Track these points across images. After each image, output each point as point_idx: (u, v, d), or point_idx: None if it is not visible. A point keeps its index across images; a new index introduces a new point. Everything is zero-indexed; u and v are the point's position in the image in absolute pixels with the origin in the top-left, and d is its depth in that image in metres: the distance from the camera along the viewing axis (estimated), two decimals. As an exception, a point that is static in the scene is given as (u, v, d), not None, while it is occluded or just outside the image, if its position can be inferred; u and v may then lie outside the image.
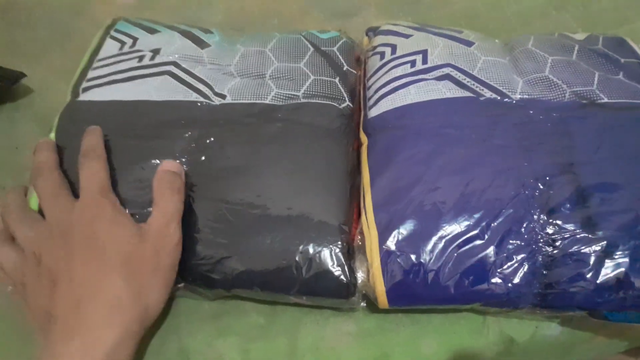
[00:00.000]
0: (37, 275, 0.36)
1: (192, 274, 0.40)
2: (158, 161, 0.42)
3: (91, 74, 0.49)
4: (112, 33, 0.53)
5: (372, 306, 0.41)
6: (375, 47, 0.51)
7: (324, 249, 0.39)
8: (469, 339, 0.41)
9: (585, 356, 0.45)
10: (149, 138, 0.44)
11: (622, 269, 0.36)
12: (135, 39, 0.52)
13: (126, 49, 0.51)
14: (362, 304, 0.42)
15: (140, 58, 0.50)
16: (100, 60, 0.50)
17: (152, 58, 0.50)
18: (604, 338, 0.43)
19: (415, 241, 0.38)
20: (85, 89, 0.48)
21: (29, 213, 0.40)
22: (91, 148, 0.41)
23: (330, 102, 0.46)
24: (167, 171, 0.40)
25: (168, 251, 0.37)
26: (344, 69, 0.49)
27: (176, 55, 0.50)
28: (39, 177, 0.40)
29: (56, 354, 0.32)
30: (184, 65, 0.49)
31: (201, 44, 0.52)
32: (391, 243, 0.38)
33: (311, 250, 0.39)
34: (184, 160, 0.43)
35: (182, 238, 0.38)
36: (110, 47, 0.51)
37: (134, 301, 0.35)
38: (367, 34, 0.55)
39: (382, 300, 0.38)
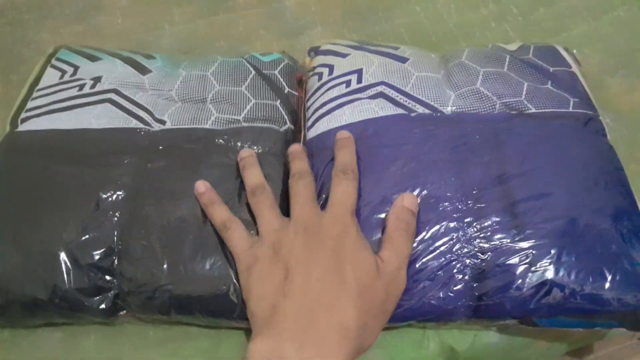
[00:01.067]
0: (271, 264, 0.36)
1: (134, 300, 0.40)
2: (100, 191, 0.43)
3: (31, 104, 0.49)
4: (53, 62, 0.53)
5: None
6: (314, 68, 0.52)
7: None
8: (411, 352, 0.42)
9: (528, 360, 0.46)
10: (89, 165, 0.44)
11: (547, 277, 0.37)
12: (76, 68, 0.52)
13: (67, 77, 0.51)
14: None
15: (81, 87, 0.50)
16: (40, 89, 0.51)
17: (93, 86, 0.50)
18: (544, 342, 0.44)
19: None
20: (24, 120, 0.48)
21: (276, 207, 0.41)
22: (349, 166, 0.42)
23: (271, 125, 0.47)
24: (406, 209, 0.39)
25: (395, 297, 0.37)
26: (285, 91, 0.50)
27: (117, 83, 0.50)
28: (300, 180, 0.41)
29: (285, 353, 0.31)
30: (124, 92, 0.50)
31: (143, 70, 0.52)
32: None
33: None
34: (121, 186, 0.43)
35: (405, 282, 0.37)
36: (50, 76, 0.52)
37: (356, 338, 0.33)
38: (309, 54, 0.56)
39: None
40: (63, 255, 0.40)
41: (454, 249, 0.39)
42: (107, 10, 0.68)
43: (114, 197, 0.42)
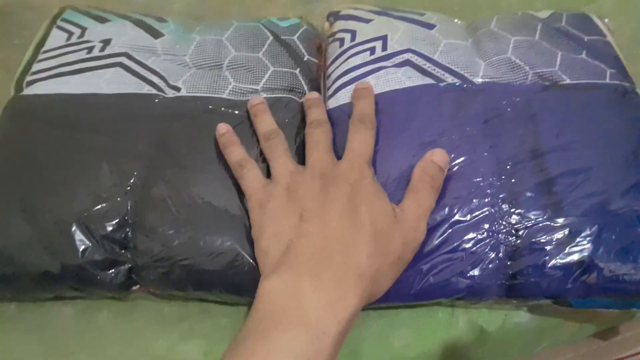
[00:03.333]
0: (285, 203, 0.36)
1: (149, 275, 0.38)
2: (113, 159, 0.41)
3: (36, 66, 0.47)
4: (59, 23, 0.50)
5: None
6: (335, 34, 0.50)
7: None
8: (439, 330, 0.41)
9: (555, 341, 0.45)
10: (101, 132, 0.42)
11: (585, 255, 0.36)
12: (83, 29, 0.49)
13: (74, 39, 0.48)
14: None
15: (90, 49, 0.47)
16: (45, 52, 0.48)
17: (102, 49, 0.47)
18: (574, 323, 0.43)
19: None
20: (30, 83, 0.46)
21: (290, 153, 0.40)
22: (368, 116, 0.41)
23: (290, 96, 0.45)
24: (435, 164, 0.38)
25: (413, 247, 0.36)
26: (305, 59, 0.48)
27: (128, 46, 0.48)
28: (318, 128, 0.41)
29: (302, 288, 0.31)
30: (136, 57, 0.47)
31: (155, 33, 0.49)
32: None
33: None
34: (135, 155, 0.41)
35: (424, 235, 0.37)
36: (56, 38, 0.49)
37: (370, 280, 0.33)
38: (328, 19, 0.53)
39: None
40: (74, 226, 0.38)
41: (487, 226, 0.37)
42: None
43: (128, 166, 0.40)
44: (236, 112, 0.44)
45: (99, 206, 0.39)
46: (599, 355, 0.51)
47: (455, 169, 0.39)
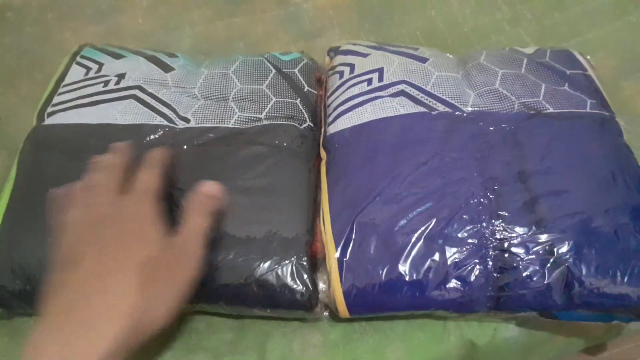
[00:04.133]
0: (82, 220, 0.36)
1: None
2: None
3: (57, 99, 0.51)
4: (78, 59, 0.54)
5: (336, 316, 0.42)
6: (335, 67, 0.54)
7: (285, 262, 0.40)
8: (431, 345, 0.43)
9: (545, 356, 0.47)
10: None
11: (567, 270, 0.38)
12: (100, 65, 0.53)
13: (92, 74, 0.52)
14: (325, 313, 0.43)
15: (106, 83, 0.51)
16: (65, 85, 0.52)
17: (117, 82, 0.51)
18: (563, 337, 0.45)
19: (371, 251, 0.40)
20: (51, 114, 0.49)
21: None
22: (156, 158, 0.42)
23: (291, 123, 0.48)
24: (203, 194, 0.40)
25: (186, 267, 0.36)
26: (305, 90, 0.51)
27: (141, 79, 0.51)
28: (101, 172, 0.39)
29: (46, 346, 0.31)
30: (148, 89, 0.51)
31: (166, 67, 0.53)
32: (347, 253, 0.40)
33: (273, 265, 0.40)
34: None
35: (204, 258, 0.37)
36: (76, 72, 0.53)
37: (135, 312, 0.32)
38: (328, 54, 0.57)
39: (342, 309, 0.40)
40: None
41: (476, 241, 0.40)
42: (128, 11, 0.69)
43: None
44: (243, 138, 0.47)
45: None
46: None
47: (447, 188, 0.42)
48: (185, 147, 0.47)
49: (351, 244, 0.41)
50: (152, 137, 0.47)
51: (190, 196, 0.40)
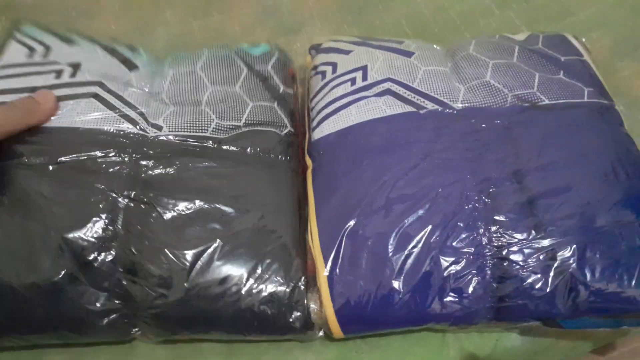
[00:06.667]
0: None
1: (146, 316, 0.39)
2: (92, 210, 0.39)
3: None
4: (18, 36, 0.46)
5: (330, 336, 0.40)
6: (317, 67, 0.51)
7: (277, 286, 0.38)
8: None
9: (550, 360, 0.45)
10: (82, 172, 0.40)
11: (571, 275, 0.36)
12: (47, 47, 0.45)
13: (38, 58, 0.44)
14: (319, 333, 0.41)
15: (59, 73, 0.44)
16: (4, 67, 0.44)
17: (73, 74, 0.44)
18: (568, 342, 0.43)
19: (362, 265, 0.38)
20: None
21: None
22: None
23: (271, 129, 0.45)
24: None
25: None
26: (281, 91, 0.48)
27: (101, 74, 0.45)
28: None
29: None
30: (111, 88, 0.44)
31: (129, 64, 0.47)
32: (337, 269, 0.38)
33: (263, 288, 0.38)
34: (120, 199, 0.40)
35: None
36: (15, 52, 0.44)
37: None
38: (310, 52, 0.54)
39: (336, 329, 0.38)
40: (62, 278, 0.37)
41: (473, 249, 0.37)
42: (99, 15, 0.65)
43: (109, 219, 0.39)
44: (224, 147, 0.43)
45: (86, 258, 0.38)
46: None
47: (439, 191, 0.39)
48: (159, 156, 0.42)
49: (340, 259, 0.38)
50: (117, 145, 0.41)
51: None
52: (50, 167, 0.40)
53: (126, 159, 0.41)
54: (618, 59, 0.58)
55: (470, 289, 0.37)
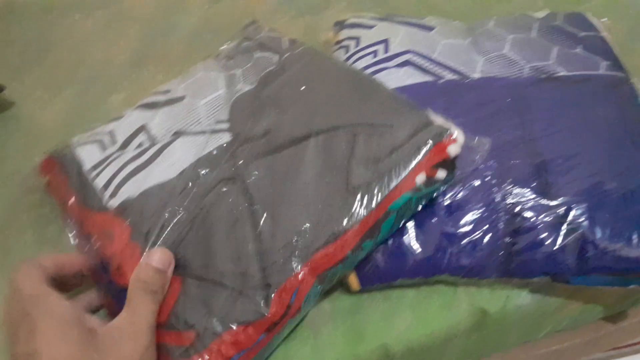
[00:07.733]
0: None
1: None
2: None
3: None
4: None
5: (347, 288, 0.42)
6: (341, 42, 0.53)
7: None
8: (441, 313, 0.42)
9: (558, 325, 0.46)
10: None
11: (581, 233, 0.37)
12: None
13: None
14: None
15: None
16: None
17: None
18: (577, 305, 0.44)
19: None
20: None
21: None
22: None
23: None
24: (149, 266, 0.35)
25: (130, 355, 0.32)
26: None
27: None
28: None
29: None
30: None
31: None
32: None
33: None
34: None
35: (153, 343, 0.33)
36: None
37: None
38: (333, 28, 0.56)
39: (354, 282, 0.40)
40: None
41: (486, 206, 0.39)
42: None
43: None
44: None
45: None
46: (607, 341, 0.52)
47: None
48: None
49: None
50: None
51: (134, 272, 0.35)
52: None
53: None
54: (636, 41, 0.58)
55: (483, 243, 0.38)
